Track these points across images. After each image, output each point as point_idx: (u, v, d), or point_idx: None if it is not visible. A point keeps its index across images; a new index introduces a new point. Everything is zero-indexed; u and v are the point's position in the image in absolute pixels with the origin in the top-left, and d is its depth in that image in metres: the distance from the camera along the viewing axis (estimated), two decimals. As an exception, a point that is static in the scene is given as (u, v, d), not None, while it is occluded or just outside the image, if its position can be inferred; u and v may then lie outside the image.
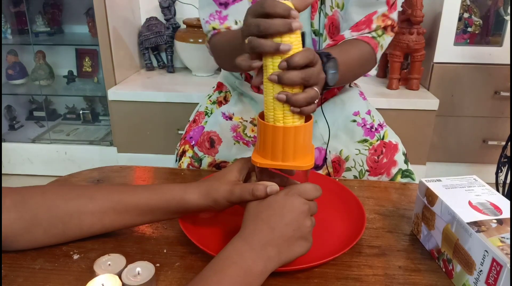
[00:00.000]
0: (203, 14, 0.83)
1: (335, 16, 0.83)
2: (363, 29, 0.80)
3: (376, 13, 0.80)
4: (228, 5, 0.80)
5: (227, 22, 0.80)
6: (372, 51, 0.81)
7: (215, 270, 0.45)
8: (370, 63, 0.83)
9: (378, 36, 0.81)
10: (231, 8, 0.80)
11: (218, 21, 0.81)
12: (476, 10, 1.90)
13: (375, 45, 0.81)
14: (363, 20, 0.80)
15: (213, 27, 0.81)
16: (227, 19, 0.81)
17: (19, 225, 0.53)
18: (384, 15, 0.81)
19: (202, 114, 0.95)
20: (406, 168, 0.89)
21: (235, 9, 0.80)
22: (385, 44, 0.83)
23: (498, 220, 0.50)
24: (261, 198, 0.53)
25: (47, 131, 2.24)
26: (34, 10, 2.14)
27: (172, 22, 2.12)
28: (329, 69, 0.64)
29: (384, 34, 0.82)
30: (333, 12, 0.82)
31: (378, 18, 0.81)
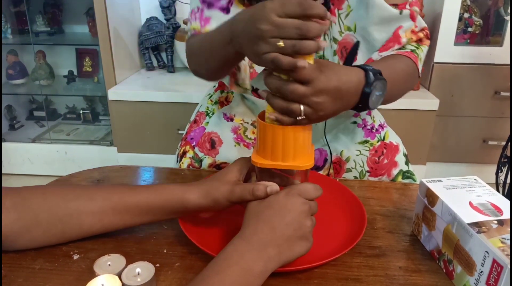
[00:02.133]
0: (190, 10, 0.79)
1: (348, 39, 0.76)
2: (392, 46, 0.75)
3: (401, 27, 0.74)
4: (212, 6, 0.75)
5: (209, 26, 0.75)
6: (414, 65, 0.74)
7: (215, 270, 0.45)
8: (414, 78, 0.76)
9: (416, 49, 0.76)
10: (215, 12, 0.74)
11: (199, 22, 0.76)
12: (476, 10, 1.90)
13: (415, 58, 0.75)
14: (390, 38, 0.74)
15: (194, 27, 0.76)
16: (209, 23, 0.75)
17: (19, 225, 0.53)
18: (412, 31, 0.75)
19: (203, 114, 0.95)
20: (407, 169, 0.88)
21: (220, 17, 0.74)
22: (423, 55, 0.77)
23: (498, 221, 0.50)
24: (261, 198, 0.53)
25: (47, 131, 2.24)
26: (35, 10, 2.14)
27: (172, 22, 2.12)
28: (375, 90, 0.58)
29: (420, 46, 0.77)
30: (343, 36, 0.76)
31: (406, 33, 0.75)
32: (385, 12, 0.72)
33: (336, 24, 0.76)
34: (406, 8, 0.73)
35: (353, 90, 0.57)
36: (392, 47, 0.75)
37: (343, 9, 0.75)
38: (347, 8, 0.75)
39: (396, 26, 0.74)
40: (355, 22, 0.75)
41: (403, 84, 0.74)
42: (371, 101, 0.58)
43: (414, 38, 0.76)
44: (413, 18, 0.75)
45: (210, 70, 0.74)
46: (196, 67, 0.78)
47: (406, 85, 0.75)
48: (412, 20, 0.75)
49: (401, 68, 0.72)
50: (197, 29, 0.76)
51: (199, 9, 0.76)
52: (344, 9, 0.75)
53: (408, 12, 0.74)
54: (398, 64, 0.72)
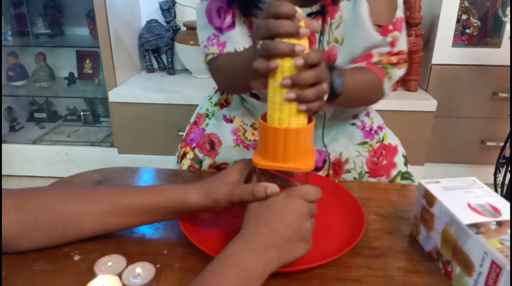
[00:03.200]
0: (201, 35, 0.82)
1: (333, 51, 0.78)
2: (361, 61, 0.77)
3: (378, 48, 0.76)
4: (222, 31, 0.78)
5: (227, 50, 0.78)
6: (378, 80, 0.76)
7: (215, 271, 0.45)
8: (377, 92, 0.78)
9: (387, 67, 0.77)
10: (227, 35, 0.78)
11: (217, 47, 0.79)
12: (474, 11, 1.91)
13: (382, 75, 0.76)
14: (363, 56, 0.77)
15: (212, 52, 0.79)
16: (226, 47, 0.78)
17: (19, 227, 0.53)
18: (389, 53, 0.77)
19: (202, 116, 0.95)
20: (406, 170, 0.89)
21: (230, 37, 0.78)
22: (394, 75, 0.78)
23: (497, 222, 0.50)
24: (261, 199, 0.53)
25: (47, 133, 2.24)
26: (35, 12, 2.15)
27: (172, 24, 2.13)
28: (335, 77, 0.63)
29: (393, 67, 0.78)
30: (330, 47, 0.78)
31: (379, 55, 0.77)
32: (370, 37, 0.75)
33: (326, 33, 0.77)
34: (388, 35, 0.75)
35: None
36: (361, 62, 0.77)
37: (336, 19, 0.76)
38: (339, 19, 0.76)
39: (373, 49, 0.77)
40: (343, 36, 0.77)
41: (364, 92, 0.76)
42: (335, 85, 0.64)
43: (385, 60, 0.77)
44: (392, 45, 0.77)
45: (243, 87, 0.77)
46: (228, 87, 0.83)
47: (367, 94, 0.77)
48: (391, 47, 0.77)
49: (362, 76, 0.75)
50: (216, 53, 0.79)
51: (215, 36, 0.79)
52: (337, 20, 0.76)
53: (390, 40, 0.76)
54: (358, 72, 0.75)
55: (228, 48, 0.78)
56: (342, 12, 0.75)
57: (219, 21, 0.78)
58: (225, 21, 0.78)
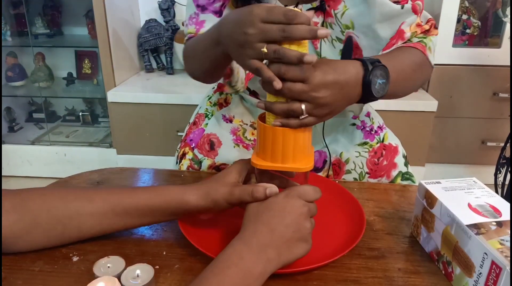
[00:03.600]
0: (186, 15, 0.80)
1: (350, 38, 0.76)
2: (395, 43, 0.73)
3: (404, 22, 0.73)
4: (205, 10, 0.76)
5: (203, 29, 0.76)
6: (422, 54, 0.73)
7: (214, 272, 0.45)
8: (425, 67, 0.74)
9: (423, 39, 0.74)
10: (210, 17, 0.76)
11: (194, 26, 0.77)
12: (475, 11, 1.91)
13: (423, 47, 0.73)
14: (394, 35, 0.73)
15: (190, 31, 0.78)
16: (204, 26, 0.76)
17: (18, 227, 0.53)
18: (417, 24, 0.74)
19: (202, 116, 0.95)
20: (406, 171, 0.89)
21: (213, 20, 0.75)
22: (433, 45, 0.75)
23: (497, 222, 0.50)
24: (260, 200, 0.53)
25: (46, 133, 2.24)
26: (34, 12, 2.14)
27: (171, 24, 2.13)
28: (375, 78, 0.57)
29: (427, 36, 0.75)
30: (345, 35, 0.76)
31: (410, 27, 0.74)
32: (386, 8, 0.71)
33: (336, 25, 0.76)
34: (408, 3, 0.72)
35: (353, 80, 0.57)
36: (396, 43, 0.74)
37: (339, 9, 0.75)
38: (343, 7, 0.75)
39: (399, 22, 0.73)
40: (351, 19, 0.75)
41: (412, 74, 0.71)
42: (375, 89, 0.58)
43: (419, 30, 0.75)
44: (415, 12, 0.73)
45: (204, 72, 0.75)
46: (192, 69, 0.79)
47: (415, 75, 0.73)
48: (415, 14, 0.73)
49: (407, 57, 0.71)
50: (193, 33, 0.77)
51: (196, 14, 0.77)
52: (340, 9, 0.75)
53: (410, 6, 0.72)
54: (402, 54, 0.71)
55: (205, 28, 0.75)
56: (345, 2, 0.73)
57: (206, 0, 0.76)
58: (213, 5, 0.75)
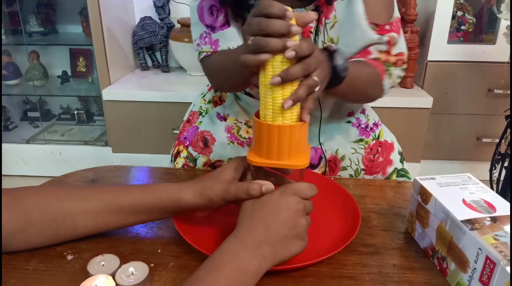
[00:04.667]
0: (194, 33, 0.81)
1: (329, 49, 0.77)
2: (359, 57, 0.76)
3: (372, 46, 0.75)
4: (215, 29, 0.78)
5: (220, 48, 0.78)
6: (378, 75, 0.75)
7: (209, 269, 0.45)
8: (378, 87, 0.76)
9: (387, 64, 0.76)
10: (220, 33, 0.78)
11: (209, 45, 0.79)
12: (470, 8, 1.91)
13: (382, 70, 0.75)
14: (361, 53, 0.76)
15: (205, 50, 0.79)
16: (219, 45, 0.78)
17: (12, 226, 0.52)
18: (387, 52, 0.76)
19: (196, 113, 0.95)
20: (402, 168, 0.89)
21: (224, 35, 0.78)
22: (394, 73, 0.77)
23: (492, 218, 0.50)
24: (256, 197, 0.53)
25: (41, 132, 2.22)
26: (28, 10, 2.13)
27: (166, 21, 2.12)
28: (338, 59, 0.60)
29: (392, 66, 0.76)
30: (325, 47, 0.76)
31: (378, 51, 0.75)
32: (367, 36, 0.74)
33: (321, 33, 0.77)
34: (385, 35, 0.74)
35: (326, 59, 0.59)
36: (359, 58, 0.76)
37: (330, 19, 0.76)
38: (334, 18, 0.75)
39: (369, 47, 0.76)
40: (338, 36, 0.76)
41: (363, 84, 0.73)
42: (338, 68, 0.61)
43: (383, 58, 0.76)
44: (389, 44, 0.75)
45: (233, 86, 0.78)
46: (220, 84, 0.83)
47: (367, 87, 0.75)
48: (388, 45, 0.75)
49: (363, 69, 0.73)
50: (209, 51, 0.79)
51: (207, 34, 0.79)
52: (331, 20, 0.76)
53: (387, 39, 0.75)
54: (360, 65, 0.73)
55: (222, 46, 0.78)
56: (336, 12, 0.75)
57: (211, 19, 0.78)
58: (217, 20, 0.77)
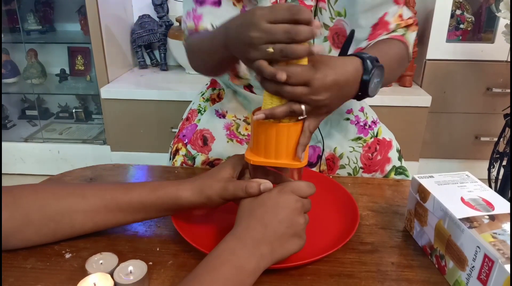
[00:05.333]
0: (184, 11, 0.80)
1: (339, 25, 0.77)
2: (380, 34, 0.76)
3: (387, 14, 0.75)
4: (203, 3, 0.76)
5: (202, 23, 0.76)
6: (405, 48, 0.76)
7: (207, 268, 0.45)
8: (406, 61, 0.78)
9: (405, 33, 0.77)
10: (207, 8, 0.76)
11: (193, 21, 0.77)
12: (468, 7, 1.91)
13: (406, 42, 0.76)
14: (378, 26, 0.75)
15: (189, 27, 0.78)
16: (202, 20, 0.76)
17: (10, 225, 0.52)
18: (399, 15, 0.76)
19: (195, 111, 0.95)
20: (400, 165, 0.89)
21: (212, 12, 0.75)
22: (412, 41, 0.78)
23: (490, 216, 0.50)
24: (254, 195, 0.53)
25: (39, 130, 2.22)
26: (26, 8, 2.12)
27: (165, 19, 2.11)
28: (373, 77, 0.59)
29: (407, 31, 0.77)
30: (334, 22, 0.77)
31: (394, 18, 0.75)
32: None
33: (326, 10, 0.76)
34: None
35: (352, 80, 0.57)
36: (381, 34, 0.75)
37: None
38: None
39: (381, 12, 0.75)
40: (344, 7, 0.75)
41: (397, 69, 0.74)
42: (370, 89, 0.59)
43: (403, 23, 0.76)
44: (397, 2, 0.75)
45: (210, 68, 0.76)
46: (197, 65, 0.79)
47: (399, 69, 0.76)
48: (396, 3, 0.75)
49: (395, 52, 0.73)
50: (193, 28, 0.77)
51: (193, 10, 0.77)
52: None
53: None
54: (391, 49, 0.72)
55: (204, 21, 0.76)
56: None
57: None
58: None
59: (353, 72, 0.57)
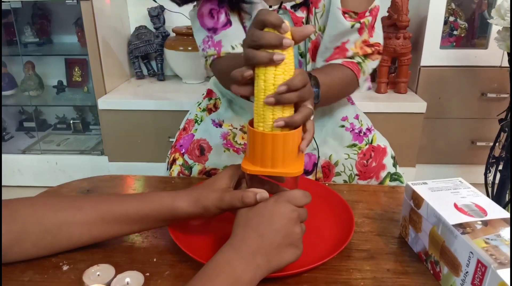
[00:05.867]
0: (197, 39, 0.84)
1: (318, 39, 0.81)
2: (337, 58, 0.79)
3: (348, 41, 0.78)
4: (217, 31, 0.79)
5: (224, 48, 0.79)
6: (354, 75, 0.79)
7: (204, 279, 0.45)
8: (352, 86, 0.82)
9: (362, 61, 0.80)
10: (222, 34, 0.79)
11: (213, 48, 0.80)
12: (461, 13, 1.93)
13: (358, 70, 0.80)
14: (337, 50, 0.79)
15: (211, 54, 0.81)
16: (222, 45, 0.79)
17: (7, 238, 0.52)
18: (364, 41, 0.79)
19: (192, 121, 0.95)
20: (395, 171, 0.90)
21: (226, 35, 0.79)
22: (368, 69, 0.81)
23: (483, 221, 0.51)
24: (250, 205, 0.53)
25: (37, 142, 2.22)
26: (23, 21, 2.13)
27: (161, 30, 2.13)
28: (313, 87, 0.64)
29: (366, 59, 0.80)
30: (316, 36, 0.81)
31: (355, 46, 0.79)
32: (338, 24, 0.76)
33: (311, 22, 0.79)
34: (361, 21, 0.77)
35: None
36: (337, 59, 0.79)
37: (319, 8, 0.79)
38: (322, 7, 0.79)
39: (344, 39, 0.78)
40: (324, 24, 0.79)
41: (339, 90, 0.79)
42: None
43: (360, 52, 0.79)
44: (360, 32, 0.78)
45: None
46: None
47: (342, 90, 0.81)
48: (359, 34, 0.78)
49: (339, 77, 0.77)
50: (215, 55, 0.80)
51: (209, 38, 0.81)
52: (320, 8, 0.79)
53: (358, 26, 0.77)
54: (335, 72, 0.77)
55: (225, 46, 0.79)
56: (324, 1, 0.78)
57: (212, 22, 0.79)
58: (219, 21, 0.79)
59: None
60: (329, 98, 0.76)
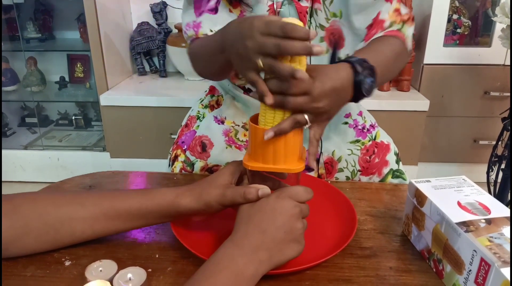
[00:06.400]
0: (183, 23, 0.82)
1: (335, 25, 0.78)
2: (375, 33, 0.76)
3: (380, 13, 0.76)
4: (202, 13, 0.78)
5: (201, 30, 0.78)
6: (402, 43, 0.76)
7: (206, 275, 0.45)
8: (404, 55, 0.78)
9: (401, 28, 0.77)
10: (205, 16, 0.78)
11: (192, 29, 0.79)
12: (465, 11, 1.92)
13: (402, 36, 0.76)
14: (372, 25, 0.77)
15: (190, 35, 0.80)
16: (201, 27, 0.78)
17: (10, 233, 0.53)
18: (396, 9, 0.76)
19: (194, 118, 0.95)
20: (397, 168, 0.89)
21: (210, 19, 0.78)
22: (410, 33, 0.78)
23: (486, 220, 0.51)
24: (252, 201, 0.53)
25: (39, 138, 2.22)
26: (25, 16, 2.13)
27: (164, 26, 2.13)
28: (365, 78, 0.61)
29: (404, 25, 0.77)
30: (330, 23, 0.78)
31: (388, 15, 0.76)
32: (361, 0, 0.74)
33: (322, 11, 0.77)
34: None
35: (346, 84, 0.60)
36: (376, 33, 0.77)
37: None
38: None
39: (374, 13, 0.76)
40: (340, 9, 0.77)
41: (394, 65, 0.75)
42: (364, 89, 0.61)
43: (398, 19, 0.77)
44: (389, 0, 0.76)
45: (213, 73, 0.78)
46: (199, 70, 0.82)
47: (397, 64, 0.77)
48: (388, 1, 0.76)
49: (390, 49, 0.74)
50: (194, 36, 0.79)
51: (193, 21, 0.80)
52: None
53: None
54: (385, 46, 0.74)
55: (203, 28, 0.78)
56: None
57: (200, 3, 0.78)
58: (208, 4, 0.77)
59: (346, 76, 0.60)
60: (386, 75, 0.72)
